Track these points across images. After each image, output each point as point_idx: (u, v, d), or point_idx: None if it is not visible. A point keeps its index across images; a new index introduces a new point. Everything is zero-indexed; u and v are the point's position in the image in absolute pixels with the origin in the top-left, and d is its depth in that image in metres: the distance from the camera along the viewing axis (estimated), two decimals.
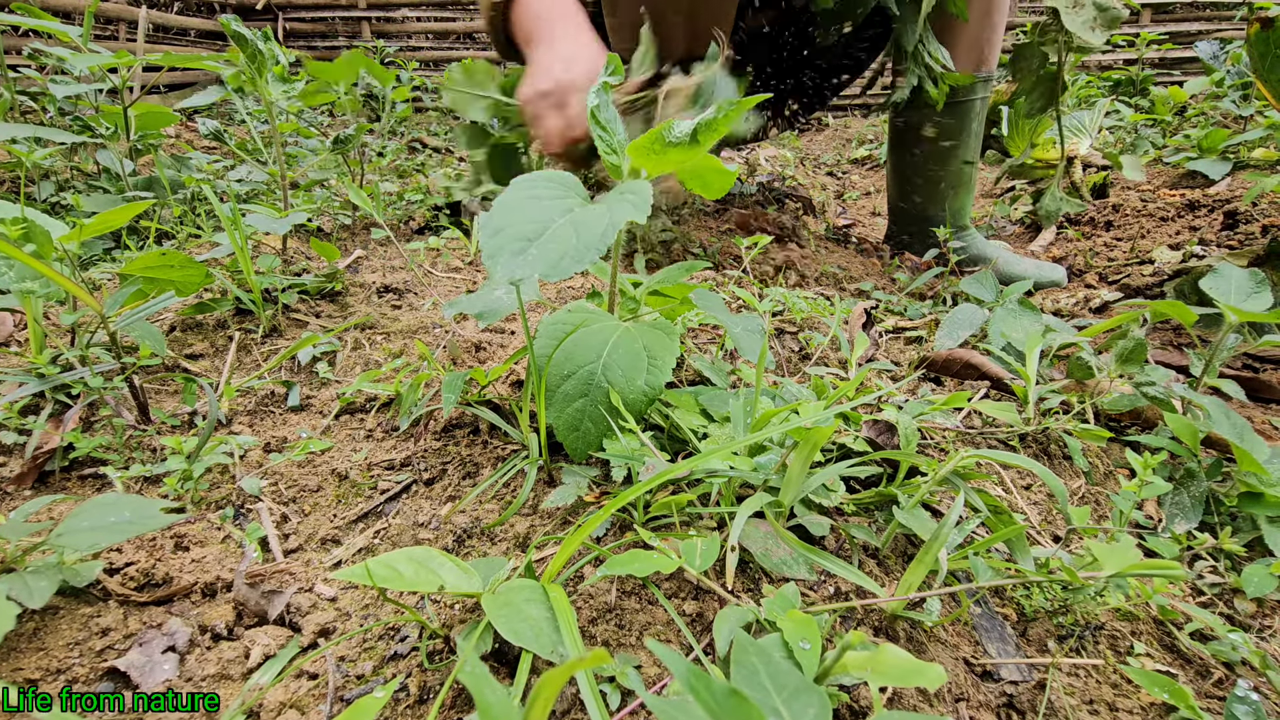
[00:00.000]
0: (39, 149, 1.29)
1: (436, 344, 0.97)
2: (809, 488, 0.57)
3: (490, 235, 0.54)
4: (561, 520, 0.61)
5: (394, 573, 0.45)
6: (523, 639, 0.42)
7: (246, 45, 1.00)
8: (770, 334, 0.97)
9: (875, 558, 0.59)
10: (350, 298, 1.12)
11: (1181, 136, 2.35)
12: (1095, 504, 0.76)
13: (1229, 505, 0.72)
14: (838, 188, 2.93)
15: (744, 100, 0.59)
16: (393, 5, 5.34)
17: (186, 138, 2.90)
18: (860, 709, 0.45)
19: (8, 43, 3.42)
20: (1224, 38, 3.86)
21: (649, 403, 0.64)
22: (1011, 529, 0.53)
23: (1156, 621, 0.60)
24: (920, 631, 0.52)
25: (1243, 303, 0.83)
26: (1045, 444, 0.81)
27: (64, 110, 1.69)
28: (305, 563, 0.60)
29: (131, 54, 1.30)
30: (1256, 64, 1.15)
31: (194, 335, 0.98)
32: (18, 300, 0.85)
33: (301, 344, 0.91)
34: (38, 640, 0.50)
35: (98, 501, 0.55)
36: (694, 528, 0.57)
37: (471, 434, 0.76)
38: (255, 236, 1.25)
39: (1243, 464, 0.70)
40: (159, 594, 0.55)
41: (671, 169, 0.66)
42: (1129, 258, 1.56)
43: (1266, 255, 1.19)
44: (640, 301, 0.77)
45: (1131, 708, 0.50)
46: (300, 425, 0.82)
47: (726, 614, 0.47)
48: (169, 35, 4.95)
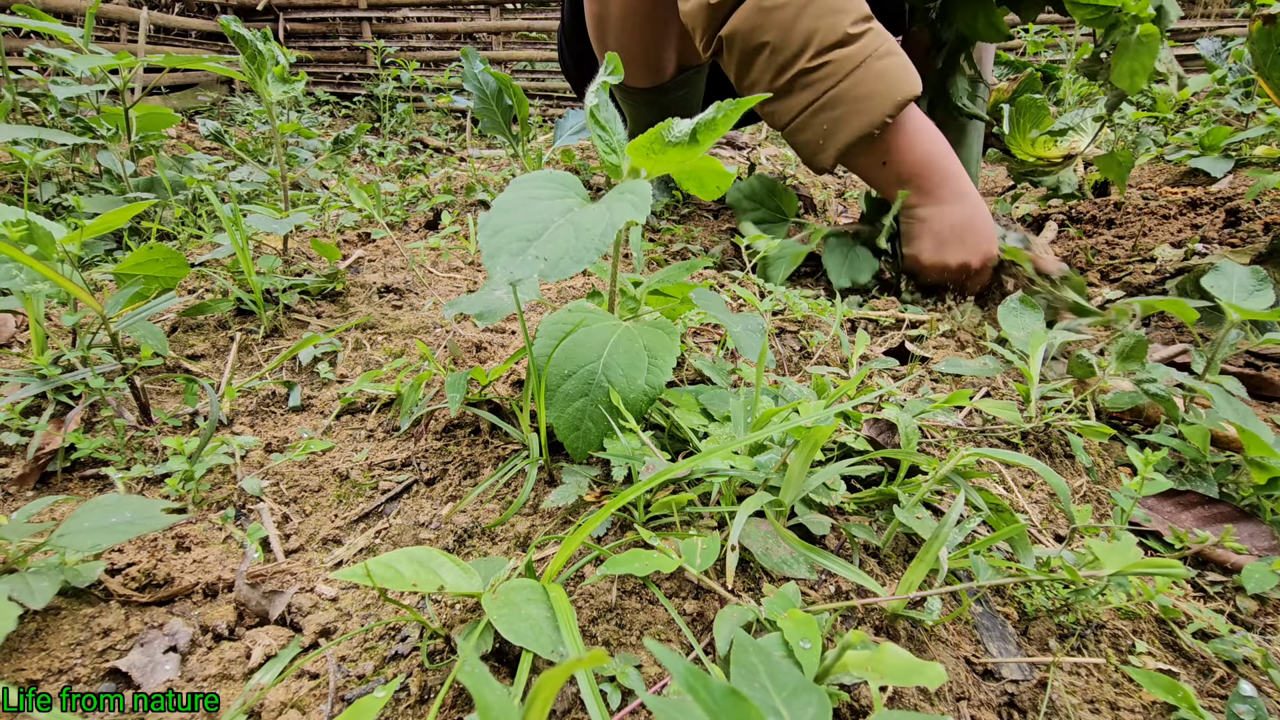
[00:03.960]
0: (41, 150, 1.29)
1: (437, 344, 0.97)
2: (809, 487, 0.57)
3: (490, 235, 0.54)
4: (562, 520, 0.61)
5: (394, 573, 0.45)
6: (523, 639, 0.42)
7: (246, 46, 1.00)
8: (771, 333, 0.97)
9: (876, 557, 0.59)
10: (351, 298, 1.12)
11: (1183, 134, 2.35)
12: (1097, 502, 0.76)
13: (1244, 497, 0.72)
14: (839, 187, 2.93)
15: (743, 100, 0.59)
16: (393, 5, 5.34)
17: (188, 139, 2.90)
18: (860, 708, 0.45)
19: (9, 44, 3.42)
20: (1226, 35, 3.85)
21: (649, 402, 0.64)
22: (1013, 528, 0.53)
23: (1158, 620, 0.60)
24: (921, 630, 0.52)
25: (1244, 300, 0.83)
26: (1047, 442, 0.81)
27: (65, 112, 1.69)
28: (306, 563, 0.60)
29: (132, 55, 1.31)
30: (1258, 61, 1.15)
31: (195, 336, 0.98)
32: (19, 301, 0.85)
33: (302, 344, 0.92)
34: (39, 641, 0.50)
35: (99, 502, 0.56)
36: (694, 527, 0.57)
37: (472, 434, 0.77)
38: (256, 237, 1.25)
39: (1250, 448, 0.69)
40: (160, 594, 0.56)
41: (671, 169, 0.66)
42: (1130, 256, 1.55)
43: (1269, 253, 1.19)
44: (640, 301, 0.77)
45: (1133, 706, 0.50)
46: (301, 425, 0.82)
47: (727, 613, 0.47)
48: (170, 36, 4.96)
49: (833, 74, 1.08)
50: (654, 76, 1.53)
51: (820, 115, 1.11)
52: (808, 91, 1.11)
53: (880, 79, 1.07)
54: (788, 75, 1.10)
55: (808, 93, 1.11)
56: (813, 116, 1.12)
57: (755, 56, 1.12)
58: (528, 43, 5.40)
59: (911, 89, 1.08)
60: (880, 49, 1.08)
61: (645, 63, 1.48)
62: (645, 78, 1.53)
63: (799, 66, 1.09)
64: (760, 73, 1.13)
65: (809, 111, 1.12)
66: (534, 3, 5.43)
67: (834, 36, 1.07)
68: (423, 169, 2.56)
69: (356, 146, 1.54)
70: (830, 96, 1.09)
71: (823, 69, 1.08)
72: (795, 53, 1.08)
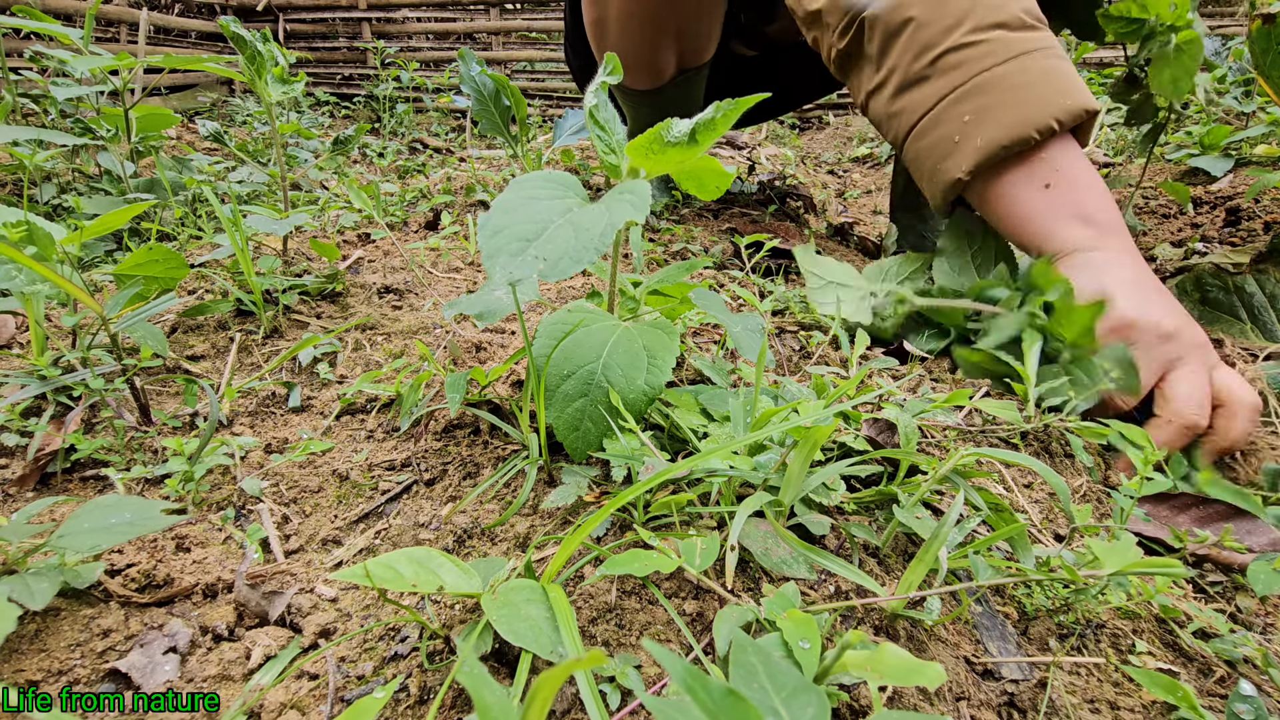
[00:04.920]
0: (41, 151, 1.29)
1: (437, 344, 0.97)
2: (809, 487, 0.57)
3: (489, 236, 0.54)
4: (561, 520, 0.61)
5: (394, 573, 0.45)
6: (522, 639, 0.42)
7: (246, 47, 1.01)
8: (771, 333, 0.97)
9: (876, 556, 0.59)
10: (351, 298, 1.13)
11: (1183, 133, 2.34)
12: (1098, 502, 0.76)
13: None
14: (839, 186, 2.93)
15: (742, 100, 0.59)
16: (393, 6, 5.34)
17: (187, 139, 2.90)
18: (860, 708, 0.44)
19: (9, 45, 3.42)
20: (1226, 34, 3.84)
21: (649, 402, 0.64)
22: (1012, 527, 0.53)
23: (1158, 619, 0.59)
24: (920, 630, 0.52)
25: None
26: (1047, 442, 0.81)
27: (65, 112, 1.69)
28: (306, 563, 0.60)
29: (132, 56, 1.31)
30: (1258, 60, 1.15)
31: (195, 336, 0.98)
32: (19, 302, 0.85)
33: (302, 345, 0.92)
34: (39, 641, 0.50)
35: (99, 503, 0.56)
36: (694, 527, 0.57)
37: (472, 434, 0.77)
38: (256, 238, 1.25)
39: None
40: (160, 595, 0.56)
41: (670, 169, 0.66)
42: None
43: (1269, 252, 1.19)
44: (640, 301, 0.77)
45: (1133, 706, 0.50)
46: (301, 426, 0.82)
47: (726, 613, 0.47)
48: (170, 37, 4.97)
49: (990, 54, 0.82)
50: (653, 79, 1.53)
51: (962, 105, 0.84)
52: (952, 74, 0.85)
53: (1050, 76, 0.82)
54: (930, 56, 0.86)
55: (952, 75, 0.84)
56: (952, 106, 0.85)
57: (896, 38, 0.88)
58: (527, 43, 5.40)
59: (1093, 103, 0.83)
60: (1053, 48, 0.85)
61: (644, 65, 1.48)
62: (645, 80, 1.53)
63: (947, 44, 0.85)
64: (897, 58, 0.88)
65: (948, 100, 0.85)
66: (534, 3, 5.43)
67: (998, 16, 0.84)
68: (422, 169, 2.56)
69: (356, 147, 1.54)
70: (980, 81, 0.82)
71: (977, 47, 0.83)
72: (946, 27, 0.84)
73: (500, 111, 1.68)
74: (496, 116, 1.68)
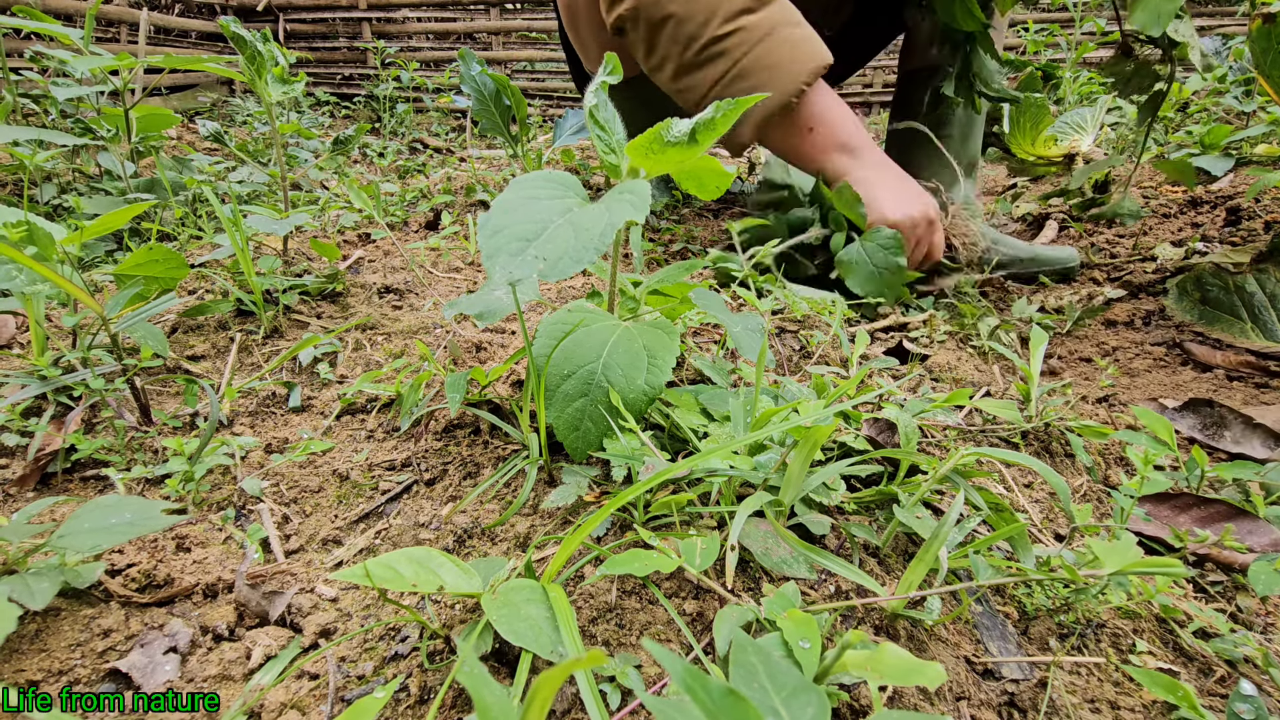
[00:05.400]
0: (41, 152, 1.30)
1: (437, 344, 0.97)
2: (809, 486, 0.57)
3: (489, 236, 0.54)
4: (561, 520, 0.61)
5: (394, 573, 0.45)
6: (522, 639, 0.42)
7: (246, 47, 1.01)
8: (771, 333, 0.97)
9: (876, 556, 0.59)
10: (351, 298, 1.13)
11: (1184, 133, 2.34)
12: (1098, 502, 0.76)
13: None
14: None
15: (742, 100, 0.59)
16: (393, 6, 5.34)
17: (188, 139, 2.90)
18: (860, 708, 0.44)
19: (9, 45, 3.42)
20: (1226, 34, 3.84)
21: (649, 402, 0.64)
22: (1012, 527, 0.53)
23: (1159, 619, 0.59)
24: (921, 630, 0.52)
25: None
26: (1047, 441, 0.81)
27: (65, 113, 1.69)
28: (306, 563, 0.60)
29: (133, 56, 1.31)
30: (1259, 60, 1.15)
31: (195, 336, 0.98)
32: (20, 302, 0.85)
33: (302, 345, 0.92)
34: (39, 641, 0.50)
35: (99, 503, 0.56)
36: (694, 527, 0.57)
37: (472, 434, 0.77)
38: (256, 238, 1.25)
39: None
40: (160, 595, 0.56)
41: (670, 168, 0.66)
42: (1131, 254, 1.55)
43: (1269, 251, 1.19)
44: (640, 301, 0.77)
45: (1133, 706, 0.50)
46: (301, 426, 0.82)
47: (726, 613, 0.47)
48: (170, 37, 4.97)
49: (744, 41, 1.06)
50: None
51: (735, 87, 1.08)
52: (720, 62, 1.08)
53: (794, 46, 1.06)
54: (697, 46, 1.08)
55: (720, 64, 1.08)
56: (727, 89, 1.09)
57: (661, 30, 1.10)
58: (527, 43, 5.40)
59: (825, 57, 1.08)
60: (790, 18, 1.08)
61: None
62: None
63: (708, 35, 1.07)
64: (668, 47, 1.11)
65: (722, 84, 1.09)
66: (534, 3, 5.43)
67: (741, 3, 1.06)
68: (423, 169, 2.56)
69: (356, 147, 1.54)
70: (743, 66, 1.06)
71: (733, 36, 1.06)
72: (703, 21, 1.07)
73: (500, 111, 1.68)
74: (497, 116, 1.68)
